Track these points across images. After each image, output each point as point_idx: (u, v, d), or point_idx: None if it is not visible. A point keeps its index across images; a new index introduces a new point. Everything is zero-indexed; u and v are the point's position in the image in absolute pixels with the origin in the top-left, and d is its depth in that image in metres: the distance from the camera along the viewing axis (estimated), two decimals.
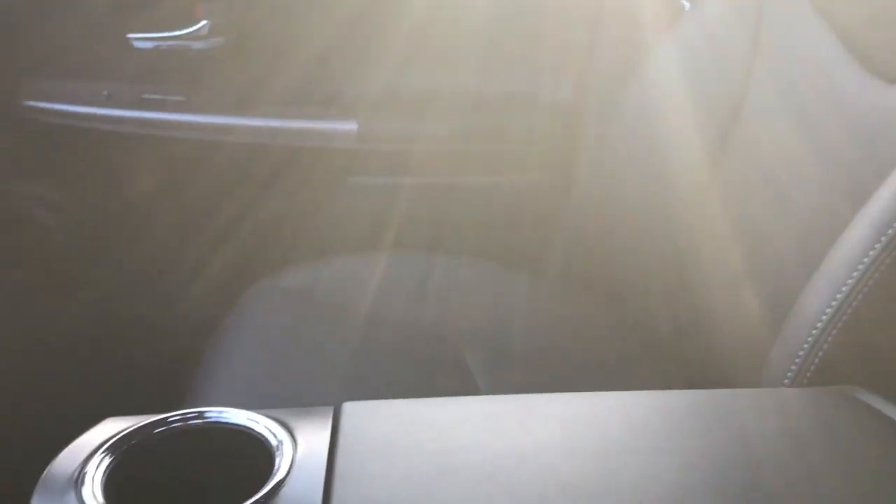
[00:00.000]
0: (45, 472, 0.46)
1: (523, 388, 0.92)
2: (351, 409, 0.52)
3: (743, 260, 0.79)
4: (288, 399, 0.82)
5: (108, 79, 1.23)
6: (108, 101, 1.22)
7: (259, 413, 0.49)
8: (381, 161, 1.22)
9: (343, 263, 1.12)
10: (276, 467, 0.45)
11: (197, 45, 1.18)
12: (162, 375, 1.10)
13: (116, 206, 1.31)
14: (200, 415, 0.49)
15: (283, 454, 0.46)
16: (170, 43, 1.19)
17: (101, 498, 0.44)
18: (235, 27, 1.18)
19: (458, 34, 1.20)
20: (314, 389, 0.83)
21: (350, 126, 1.18)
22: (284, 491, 0.44)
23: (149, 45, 1.20)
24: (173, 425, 0.49)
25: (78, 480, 0.45)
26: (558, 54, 1.22)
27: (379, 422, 0.51)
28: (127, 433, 0.48)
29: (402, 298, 1.02)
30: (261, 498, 0.43)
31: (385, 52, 1.18)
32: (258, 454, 0.47)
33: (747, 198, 0.82)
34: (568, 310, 1.06)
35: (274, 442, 0.47)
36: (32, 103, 1.26)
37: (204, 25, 1.17)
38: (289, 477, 0.45)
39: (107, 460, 0.46)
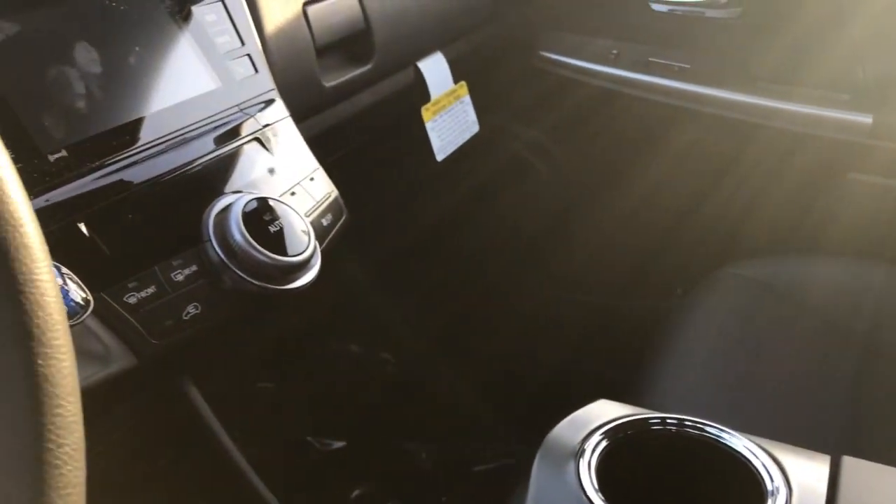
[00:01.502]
0: (547, 437, 0.50)
1: None
2: (851, 466, 0.48)
3: None
4: (754, 412, 0.79)
5: (619, 38, 1.26)
6: (616, 61, 1.25)
7: (756, 444, 0.48)
8: (890, 160, 1.08)
9: (820, 263, 1.03)
10: None
11: (713, 12, 1.15)
12: (620, 344, 1.14)
13: (602, 164, 1.37)
14: (698, 426, 0.49)
15: (776, 500, 0.44)
16: (686, 8, 1.18)
17: (594, 478, 0.47)
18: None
19: None
20: (785, 411, 0.80)
21: (864, 118, 1.06)
22: None
23: (665, 8, 1.20)
24: (669, 427, 0.50)
25: (577, 455, 0.48)
26: None
27: (884, 490, 0.47)
28: (624, 422, 0.50)
29: (872, 319, 0.91)
30: None
31: None
32: (747, 486, 0.46)
33: None
34: None
35: (769, 484, 0.45)
36: (545, 54, 1.36)
37: None
38: None
39: (603, 443, 0.49)
